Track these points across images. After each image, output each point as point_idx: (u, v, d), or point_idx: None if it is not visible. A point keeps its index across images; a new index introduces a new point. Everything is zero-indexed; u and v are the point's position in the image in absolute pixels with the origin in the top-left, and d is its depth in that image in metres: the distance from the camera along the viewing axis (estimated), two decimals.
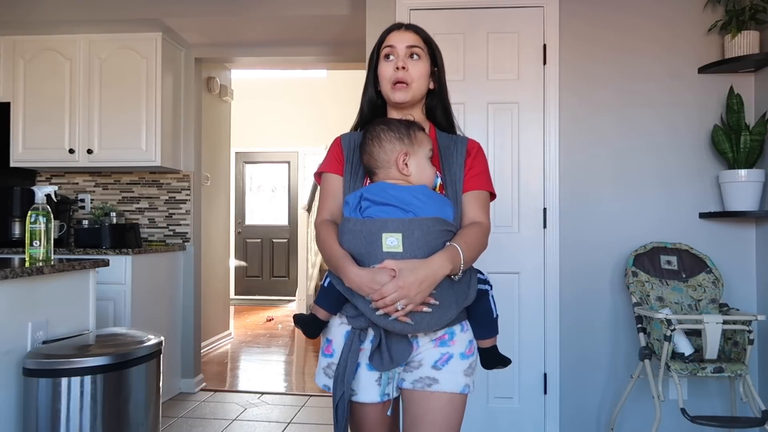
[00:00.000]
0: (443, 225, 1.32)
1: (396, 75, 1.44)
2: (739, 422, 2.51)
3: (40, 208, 2.11)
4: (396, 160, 1.37)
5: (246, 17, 3.56)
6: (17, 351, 1.92)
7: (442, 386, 1.37)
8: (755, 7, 2.69)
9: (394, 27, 1.51)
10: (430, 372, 1.38)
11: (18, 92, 3.66)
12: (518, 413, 2.88)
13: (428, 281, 1.26)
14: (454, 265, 1.29)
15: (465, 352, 1.41)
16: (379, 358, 1.34)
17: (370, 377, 1.40)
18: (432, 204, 1.33)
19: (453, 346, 1.39)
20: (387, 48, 1.47)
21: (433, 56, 1.51)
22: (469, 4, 2.91)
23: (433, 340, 1.39)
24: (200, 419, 3.37)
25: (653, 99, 2.87)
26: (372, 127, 1.43)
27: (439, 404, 1.36)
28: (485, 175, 1.49)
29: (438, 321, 1.32)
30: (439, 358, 1.38)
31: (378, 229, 1.29)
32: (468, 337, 1.43)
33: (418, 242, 1.28)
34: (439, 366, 1.38)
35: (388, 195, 1.33)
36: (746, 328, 2.41)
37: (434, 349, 1.39)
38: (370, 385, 1.40)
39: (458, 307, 1.34)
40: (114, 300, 3.24)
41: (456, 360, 1.39)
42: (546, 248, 2.88)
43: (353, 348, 1.37)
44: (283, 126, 8.33)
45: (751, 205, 2.68)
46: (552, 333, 2.87)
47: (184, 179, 3.98)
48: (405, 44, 1.46)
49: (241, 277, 8.42)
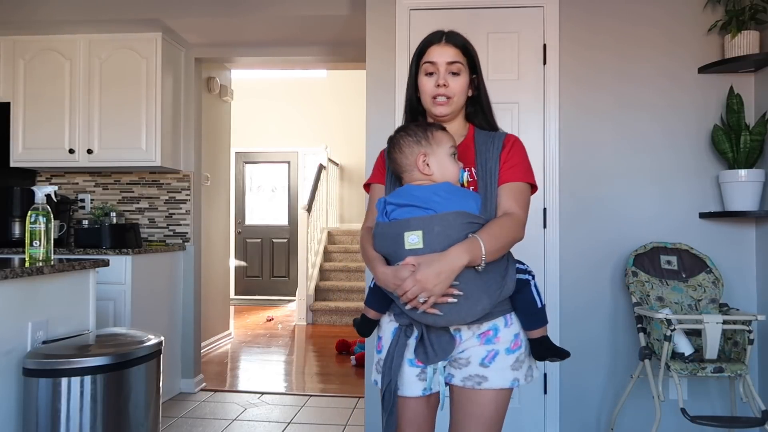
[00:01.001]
0: (465, 218, 1.35)
1: (437, 91, 1.51)
2: (739, 422, 2.51)
3: (40, 208, 2.11)
4: (416, 162, 1.43)
5: (246, 17, 3.56)
6: (17, 351, 1.92)
7: (491, 383, 1.43)
8: (755, 7, 2.69)
9: (434, 39, 1.54)
10: (479, 370, 1.44)
11: (18, 92, 3.66)
12: (518, 413, 2.88)
13: (445, 273, 1.29)
14: (472, 256, 1.31)
15: (510, 347, 1.45)
16: (423, 352, 1.42)
17: (412, 373, 1.48)
18: (454, 199, 1.37)
19: (498, 343, 1.44)
20: (428, 64, 1.52)
21: (472, 65, 1.55)
22: (469, 4, 2.91)
23: (478, 335, 1.44)
24: (200, 419, 3.37)
25: (653, 99, 2.87)
26: (394, 135, 1.49)
27: (489, 400, 1.43)
28: (521, 167, 1.51)
29: (470, 312, 1.36)
30: (485, 356, 1.44)
31: (401, 229, 1.35)
32: (513, 331, 1.46)
33: (438, 237, 1.32)
34: (486, 363, 1.43)
35: (410, 196, 1.39)
36: (746, 328, 2.41)
37: (480, 347, 1.44)
38: (412, 381, 1.48)
39: (491, 298, 1.37)
40: (114, 300, 3.24)
41: (502, 356, 1.44)
42: (546, 248, 2.88)
43: (399, 343, 1.45)
44: (283, 126, 8.33)
45: (751, 205, 2.68)
46: (552, 333, 2.84)
47: (184, 179, 3.98)
48: (446, 60, 1.50)
49: (241, 277, 8.42)
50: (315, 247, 7.14)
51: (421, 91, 1.55)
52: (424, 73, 1.53)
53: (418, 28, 2.93)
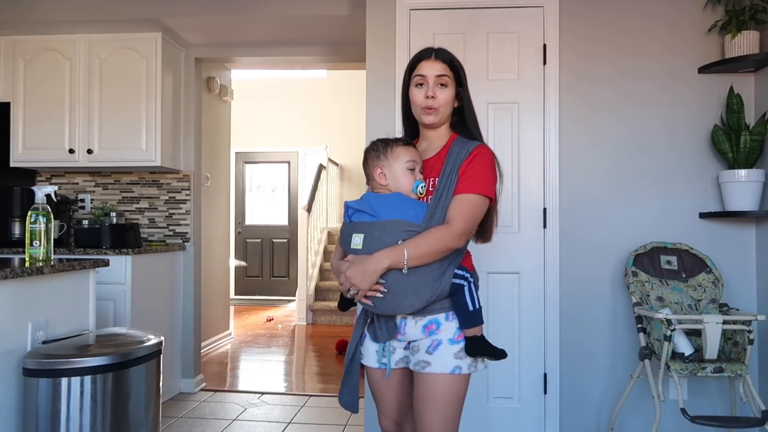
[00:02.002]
0: (402, 226, 1.57)
1: (426, 102, 1.69)
2: (739, 422, 2.51)
3: (40, 208, 2.11)
4: (374, 173, 1.68)
5: (246, 17, 3.56)
6: (17, 351, 1.92)
7: (433, 368, 1.63)
8: (755, 7, 2.69)
9: (425, 55, 1.73)
10: (424, 356, 1.65)
11: (18, 92, 3.66)
12: (518, 413, 2.88)
13: (368, 272, 1.54)
14: (394, 260, 1.53)
15: (454, 338, 1.64)
16: (373, 331, 1.71)
17: (372, 347, 1.75)
18: (396, 208, 1.60)
19: (440, 334, 1.64)
20: (418, 77, 1.71)
21: (458, 79, 1.73)
22: (469, 4, 2.91)
23: (422, 328, 1.65)
24: (200, 419, 3.37)
25: (653, 99, 2.87)
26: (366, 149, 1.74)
27: (435, 382, 1.63)
28: (477, 178, 1.63)
29: (398, 306, 1.59)
30: (430, 344, 1.65)
31: (351, 231, 1.63)
32: (455, 325, 1.65)
33: (374, 241, 1.56)
34: (430, 351, 1.64)
35: (364, 203, 1.65)
36: (746, 328, 2.41)
37: (426, 339, 1.65)
38: (371, 354, 1.76)
39: (419, 297, 1.57)
40: (114, 300, 3.24)
41: (445, 345, 1.64)
42: (546, 248, 2.88)
43: (359, 321, 1.78)
44: (283, 126, 8.33)
45: (751, 205, 2.68)
46: (552, 333, 2.87)
47: (184, 179, 3.98)
48: (434, 74, 1.69)
49: (241, 277, 8.42)
50: (315, 247, 7.14)
51: (412, 102, 1.74)
52: (415, 85, 1.72)
53: (418, 27, 2.93)
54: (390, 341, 1.71)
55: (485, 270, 2.83)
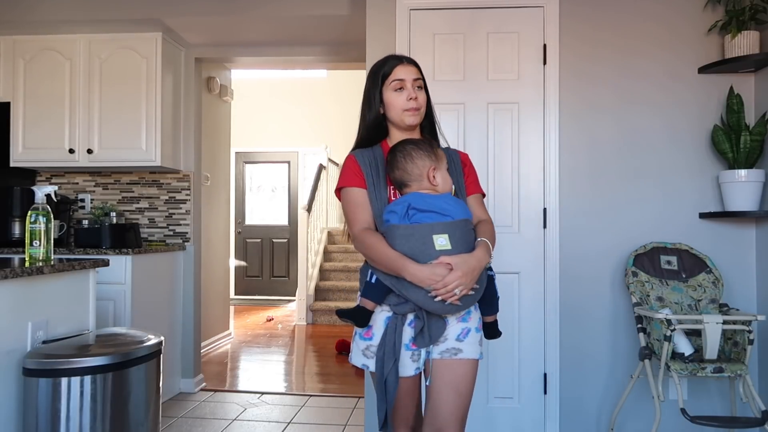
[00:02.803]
0: (470, 224, 1.68)
1: (409, 104, 1.74)
2: (739, 422, 2.51)
3: (40, 208, 2.11)
4: (427, 173, 1.68)
5: (246, 17, 3.56)
6: (17, 351, 1.92)
7: (465, 354, 1.68)
8: (755, 7, 2.69)
9: (398, 62, 1.78)
10: (455, 344, 1.68)
11: (18, 92, 3.66)
12: (518, 413, 2.88)
13: (477, 270, 1.60)
14: (490, 256, 1.66)
15: (478, 327, 1.74)
16: (422, 337, 1.65)
17: (407, 356, 1.68)
18: (459, 208, 1.67)
19: (470, 322, 1.71)
20: (397, 81, 1.75)
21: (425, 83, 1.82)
22: (469, 4, 2.91)
23: (457, 317, 1.70)
24: (200, 419, 3.37)
25: (653, 99, 2.87)
26: (402, 146, 1.70)
27: (464, 369, 1.68)
28: (475, 180, 1.88)
29: (473, 301, 1.65)
30: (460, 332, 1.69)
31: (429, 232, 1.60)
32: (479, 315, 1.75)
33: (460, 240, 1.61)
34: (461, 338, 1.69)
35: (428, 203, 1.64)
36: (746, 328, 2.41)
37: (456, 325, 1.70)
38: (407, 363, 1.69)
39: (480, 290, 1.66)
40: (114, 300, 3.24)
41: (473, 333, 1.71)
42: (546, 248, 2.88)
43: (398, 330, 1.66)
44: (283, 126, 8.33)
45: (751, 205, 2.68)
46: (552, 333, 2.87)
47: (184, 179, 3.98)
48: (412, 77, 1.76)
49: (241, 277, 8.42)
50: (315, 247, 7.14)
51: (390, 105, 1.76)
52: (393, 89, 1.75)
53: (418, 27, 2.93)
54: None
55: None
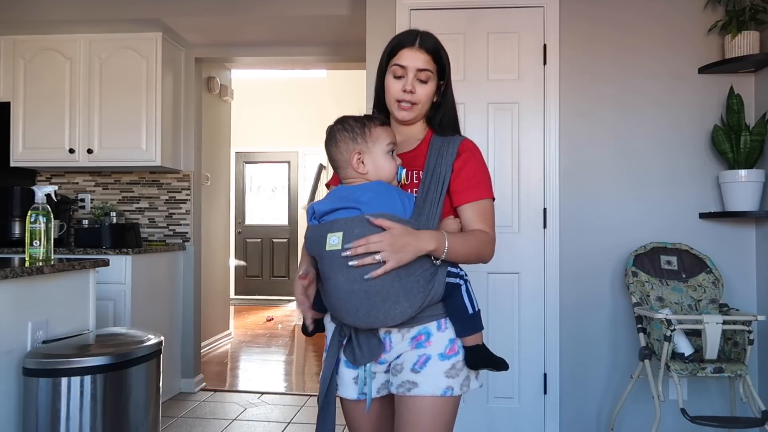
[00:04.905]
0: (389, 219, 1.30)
1: (403, 96, 1.46)
2: (739, 422, 2.51)
3: (40, 207, 2.11)
4: (350, 160, 1.38)
5: (246, 17, 3.56)
6: (17, 351, 1.92)
7: (421, 390, 1.36)
8: (755, 8, 2.69)
9: (407, 41, 1.48)
10: (410, 375, 1.37)
11: (18, 92, 3.66)
12: (518, 413, 2.88)
13: (412, 248, 1.28)
14: (437, 245, 1.30)
15: (445, 352, 1.38)
16: (352, 353, 1.38)
17: (349, 375, 1.44)
18: (380, 199, 1.33)
19: (429, 347, 1.37)
20: (396, 67, 1.47)
21: (441, 71, 1.50)
22: (469, 4, 2.91)
23: (410, 340, 1.38)
24: (200, 419, 3.37)
25: (653, 99, 2.87)
26: (330, 128, 1.43)
27: (421, 408, 1.36)
28: (483, 183, 1.46)
29: (388, 314, 1.29)
30: (416, 361, 1.37)
31: (325, 231, 1.32)
32: (448, 336, 1.39)
33: (357, 238, 1.27)
34: (417, 369, 1.37)
35: (338, 198, 1.36)
36: (746, 329, 2.41)
37: (411, 352, 1.38)
38: (348, 383, 1.44)
39: (411, 302, 1.30)
40: (114, 300, 3.24)
41: (435, 361, 1.37)
42: (546, 248, 2.88)
43: (332, 342, 1.43)
44: (283, 126, 8.32)
45: (751, 205, 2.68)
46: (552, 333, 2.87)
47: (184, 179, 3.97)
48: (416, 66, 1.45)
49: (241, 277, 8.42)
50: None
51: (387, 91, 1.50)
52: (393, 75, 1.48)
53: (418, 27, 2.92)
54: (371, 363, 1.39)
55: (485, 270, 2.83)
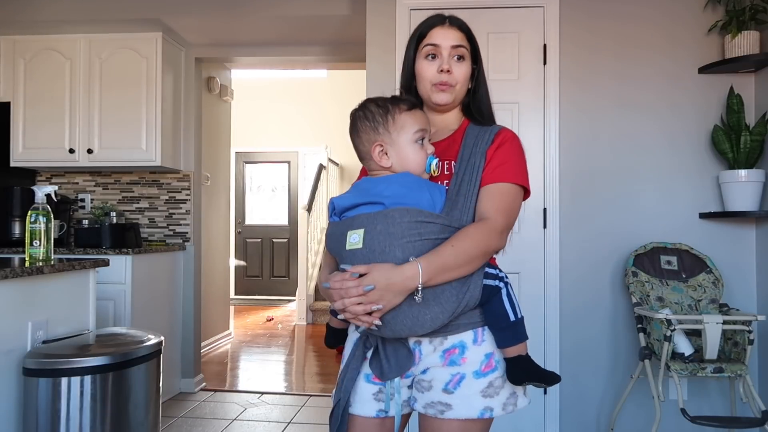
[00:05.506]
0: (416, 216, 1.17)
1: (440, 77, 1.33)
2: (739, 422, 2.51)
3: (40, 207, 2.11)
4: (372, 152, 1.27)
5: (246, 17, 3.56)
6: (17, 351, 1.92)
7: (455, 412, 1.22)
8: (755, 8, 2.69)
9: (437, 21, 1.39)
10: (442, 396, 1.23)
11: (18, 92, 3.66)
12: (518, 413, 2.86)
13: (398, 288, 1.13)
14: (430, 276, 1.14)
15: (480, 369, 1.23)
16: (378, 366, 1.24)
17: (368, 390, 1.30)
18: (407, 192, 1.21)
19: (464, 365, 1.23)
20: (429, 47, 1.36)
21: (474, 53, 1.40)
22: (469, 4, 2.91)
23: (442, 354, 1.24)
24: (200, 419, 3.37)
25: (654, 99, 2.87)
26: (352, 112, 1.32)
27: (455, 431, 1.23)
28: (509, 165, 1.30)
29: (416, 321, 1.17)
30: (449, 381, 1.23)
31: (345, 228, 1.21)
32: (484, 350, 1.24)
33: (380, 236, 1.15)
34: (450, 389, 1.23)
35: (360, 193, 1.25)
36: (746, 329, 2.41)
37: (443, 369, 1.24)
38: (366, 399, 1.30)
39: (444, 308, 1.17)
40: (114, 300, 3.24)
41: (469, 380, 1.23)
42: (546, 248, 2.88)
43: (356, 354, 1.29)
44: (283, 126, 8.32)
45: (751, 205, 2.68)
46: (552, 333, 2.87)
47: (184, 179, 3.97)
48: (450, 44, 1.35)
49: (241, 277, 8.42)
50: (315, 247, 7.14)
51: (419, 77, 1.36)
52: (425, 56, 1.36)
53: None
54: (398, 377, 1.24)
55: None
